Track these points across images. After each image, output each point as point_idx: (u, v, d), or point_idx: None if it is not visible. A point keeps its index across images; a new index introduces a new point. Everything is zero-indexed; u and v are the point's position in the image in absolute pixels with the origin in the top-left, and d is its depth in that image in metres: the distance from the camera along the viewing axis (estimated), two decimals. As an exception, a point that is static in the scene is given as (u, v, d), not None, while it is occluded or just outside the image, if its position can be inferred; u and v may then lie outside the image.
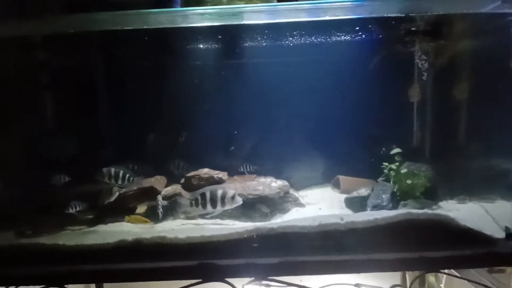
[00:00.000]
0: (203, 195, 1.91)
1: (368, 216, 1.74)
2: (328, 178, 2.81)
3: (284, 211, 2.34)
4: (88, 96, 2.72)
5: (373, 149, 2.64)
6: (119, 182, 2.16)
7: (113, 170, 2.15)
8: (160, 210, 2.15)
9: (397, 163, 2.11)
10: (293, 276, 1.75)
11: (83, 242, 1.78)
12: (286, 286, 1.74)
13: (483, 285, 1.81)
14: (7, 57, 2.31)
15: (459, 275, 1.97)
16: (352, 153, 2.75)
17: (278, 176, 2.58)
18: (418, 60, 2.36)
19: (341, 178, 2.57)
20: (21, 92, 2.48)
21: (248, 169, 2.74)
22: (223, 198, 1.91)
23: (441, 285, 2.80)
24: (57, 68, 2.68)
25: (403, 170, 1.99)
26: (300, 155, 2.87)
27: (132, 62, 2.76)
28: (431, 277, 2.86)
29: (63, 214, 2.11)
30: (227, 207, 1.95)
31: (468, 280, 1.91)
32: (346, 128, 2.73)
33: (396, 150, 2.15)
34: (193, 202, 1.93)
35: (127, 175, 2.17)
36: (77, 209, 2.13)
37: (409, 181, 1.93)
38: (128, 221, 2.14)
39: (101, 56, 2.74)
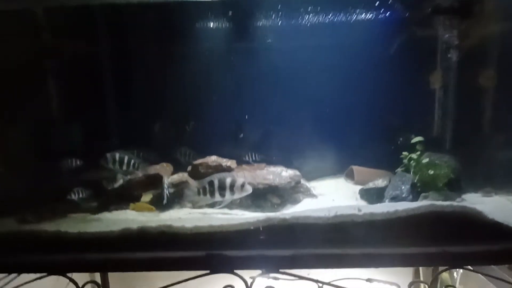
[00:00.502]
0: (211, 183, 1.81)
1: (388, 207, 1.62)
2: (340, 169, 2.70)
3: (295, 201, 2.24)
4: (92, 79, 2.62)
5: (389, 139, 2.50)
6: (124, 168, 2.06)
7: (117, 155, 2.05)
8: (166, 192, 2.05)
9: (418, 152, 1.97)
10: (306, 269, 1.66)
11: (86, 229, 1.69)
12: (295, 279, 1.65)
13: (505, 280, 1.69)
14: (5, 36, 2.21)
15: (474, 270, 1.86)
16: (366, 143, 2.62)
17: (287, 166, 2.47)
18: (442, 43, 2.18)
19: (355, 168, 2.44)
20: (20, 76, 2.38)
21: (254, 158, 2.60)
22: (232, 186, 1.81)
23: (455, 277, 2.69)
24: (57, 50, 2.56)
25: (425, 160, 1.86)
26: (311, 144, 2.75)
27: (138, 44, 2.64)
28: (444, 273, 2.75)
29: (66, 201, 2.03)
30: (236, 196, 1.85)
31: (486, 275, 1.79)
32: (360, 115, 2.60)
33: (418, 138, 2.01)
34: (201, 190, 1.83)
35: (132, 161, 2.07)
36: (80, 195, 2.04)
37: (431, 172, 1.80)
38: (133, 209, 2.06)
39: (105, 38, 2.63)
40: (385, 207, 1.63)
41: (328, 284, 1.73)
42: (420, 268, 2.74)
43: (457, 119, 2.26)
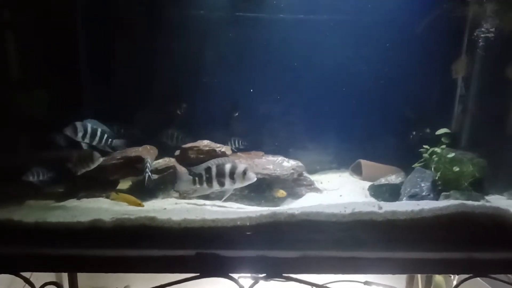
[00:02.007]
0: (208, 169, 1.52)
1: (412, 206, 1.42)
2: (343, 163, 2.47)
3: (297, 196, 2.01)
4: (70, 42, 2.18)
5: (398, 132, 2.30)
6: (95, 142, 1.66)
7: (89, 126, 1.65)
8: (148, 173, 1.71)
9: (442, 146, 1.77)
10: (315, 274, 1.41)
11: (47, 219, 1.41)
12: (284, 281, 1.41)
13: (507, 282, 1.53)
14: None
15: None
16: (372, 136, 2.40)
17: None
18: (470, 26, 1.95)
19: (363, 162, 2.23)
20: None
21: (237, 145, 2.30)
22: (232, 173, 1.53)
23: (452, 280, 2.55)
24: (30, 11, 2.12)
25: (450, 155, 1.66)
26: (311, 135, 2.50)
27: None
28: (438, 276, 2.62)
29: (22, 183, 1.65)
30: (238, 185, 1.58)
31: (488, 277, 1.62)
32: (367, 105, 2.36)
33: (443, 130, 1.81)
34: (196, 179, 1.53)
35: (106, 135, 1.68)
36: (40, 177, 1.64)
37: (456, 169, 1.61)
38: (113, 199, 1.68)
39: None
40: (409, 206, 1.42)
41: (321, 287, 1.51)
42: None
43: (479, 114, 2.07)
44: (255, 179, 1.61)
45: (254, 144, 2.40)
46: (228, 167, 1.54)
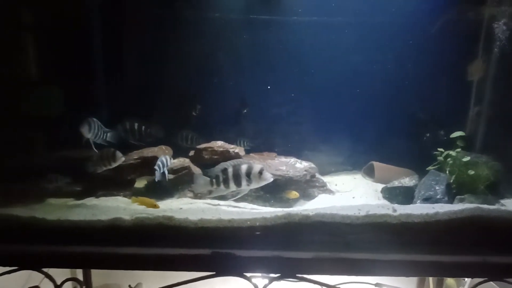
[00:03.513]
0: (224, 171, 1.55)
1: (427, 209, 1.41)
2: (357, 165, 2.47)
3: (309, 197, 2.02)
4: (87, 43, 2.23)
5: (414, 134, 2.28)
6: (97, 137, 1.70)
7: (95, 121, 1.69)
8: (164, 170, 1.74)
9: (458, 149, 1.76)
10: (329, 275, 1.43)
11: (68, 217, 1.45)
12: (297, 281, 1.43)
13: None
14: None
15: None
16: (387, 137, 2.38)
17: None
18: (486, 27, 1.91)
19: (376, 164, 2.22)
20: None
21: (244, 146, 2.31)
22: (248, 174, 1.55)
23: (463, 283, 2.52)
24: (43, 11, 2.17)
25: (465, 158, 1.65)
26: (325, 136, 2.50)
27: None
28: (450, 279, 2.59)
29: (45, 183, 1.70)
30: (254, 185, 1.60)
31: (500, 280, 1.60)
32: (382, 106, 2.35)
33: (459, 133, 1.80)
34: (214, 180, 1.56)
35: (103, 130, 1.72)
36: (57, 183, 1.69)
37: (471, 172, 1.60)
38: (134, 202, 1.72)
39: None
40: (423, 209, 1.42)
41: (332, 287, 1.52)
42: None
43: (493, 117, 2.04)
44: (272, 179, 1.63)
45: (267, 145, 2.43)
46: (244, 167, 1.56)
